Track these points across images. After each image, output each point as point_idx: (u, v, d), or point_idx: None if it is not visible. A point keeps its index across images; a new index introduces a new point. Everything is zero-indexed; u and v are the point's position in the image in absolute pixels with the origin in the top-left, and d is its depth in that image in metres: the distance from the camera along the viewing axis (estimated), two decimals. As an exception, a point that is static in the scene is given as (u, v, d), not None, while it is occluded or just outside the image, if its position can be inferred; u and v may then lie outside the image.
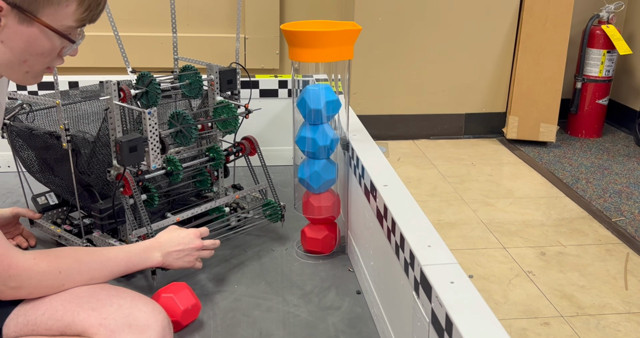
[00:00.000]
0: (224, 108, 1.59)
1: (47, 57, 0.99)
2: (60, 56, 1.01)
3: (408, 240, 1.08)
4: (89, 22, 0.99)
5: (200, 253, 1.35)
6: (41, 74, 1.03)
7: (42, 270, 1.02)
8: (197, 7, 2.78)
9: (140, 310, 1.05)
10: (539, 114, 2.70)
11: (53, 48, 0.98)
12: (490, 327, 0.84)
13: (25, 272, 1.00)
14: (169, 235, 1.30)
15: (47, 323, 1.03)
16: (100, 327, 1.01)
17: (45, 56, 0.98)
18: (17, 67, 0.98)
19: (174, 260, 1.29)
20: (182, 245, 1.30)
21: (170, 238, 1.30)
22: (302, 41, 1.42)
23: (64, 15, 0.94)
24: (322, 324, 1.37)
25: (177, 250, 1.29)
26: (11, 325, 1.04)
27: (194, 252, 1.33)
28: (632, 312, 1.52)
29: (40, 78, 1.04)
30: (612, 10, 2.75)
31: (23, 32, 0.93)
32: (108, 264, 1.14)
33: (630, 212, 2.07)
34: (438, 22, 2.69)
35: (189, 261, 1.32)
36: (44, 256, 1.04)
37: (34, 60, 0.98)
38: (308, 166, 1.56)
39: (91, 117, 1.73)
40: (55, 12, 0.93)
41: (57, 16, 0.94)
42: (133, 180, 1.40)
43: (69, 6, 0.94)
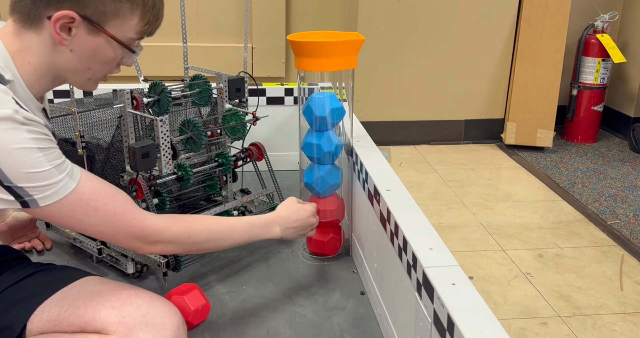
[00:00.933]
0: (232, 115, 1.60)
1: (109, 66, 1.05)
2: (118, 65, 1.08)
3: (410, 243, 1.08)
4: (147, 35, 1.07)
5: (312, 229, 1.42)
6: (99, 81, 1.09)
7: (173, 233, 1.09)
8: (206, 18, 2.79)
9: (158, 310, 1.06)
10: (536, 121, 2.70)
11: (115, 57, 1.04)
12: (490, 327, 0.84)
13: (158, 234, 1.07)
14: (289, 211, 1.35)
15: (69, 319, 1.04)
16: (119, 325, 1.02)
17: (107, 64, 1.04)
18: (81, 73, 1.04)
19: (291, 234, 1.34)
20: (300, 221, 1.35)
21: (290, 214, 1.34)
22: (308, 51, 1.42)
23: (127, 27, 1.01)
24: (327, 324, 1.37)
25: (295, 226, 1.34)
26: (35, 320, 1.05)
27: (308, 228, 1.38)
28: (627, 312, 1.52)
29: (97, 85, 1.10)
30: (606, 20, 2.75)
31: (90, 41, 0.99)
32: (233, 234, 1.21)
33: (625, 215, 2.06)
34: (438, 32, 2.69)
35: (303, 234, 1.39)
36: (176, 220, 1.11)
37: (97, 67, 1.04)
38: (313, 171, 1.56)
39: (105, 124, 1.73)
40: (120, 24, 1.00)
41: (121, 28, 1.00)
42: (145, 185, 1.40)
43: (132, 20, 1.00)
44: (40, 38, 0.98)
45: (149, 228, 1.05)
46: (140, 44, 1.08)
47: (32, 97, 1.02)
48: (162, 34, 2.95)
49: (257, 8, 2.75)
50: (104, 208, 1.00)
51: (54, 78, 1.04)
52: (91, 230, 1.00)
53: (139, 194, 1.40)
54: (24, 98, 0.99)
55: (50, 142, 0.96)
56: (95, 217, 0.99)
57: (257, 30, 2.80)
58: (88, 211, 0.97)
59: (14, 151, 0.90)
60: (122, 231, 1.03)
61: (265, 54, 2.84)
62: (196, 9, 2.77)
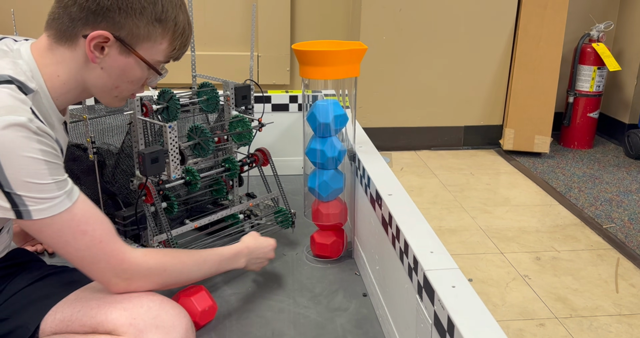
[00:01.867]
0: (238, 122, 1.60)
1: (135, 85, 1.07)
2: (143, 85, 1.10)
3: (412, 246, 1.08)
4: (174, 60, 1.09)
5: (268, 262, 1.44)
6: (126, 99, 1.11)
7: (150, 266, 1.07)
8: (214, 27, 2.80)
9: (167, 313, 1.06)
10: (533, 127, 2.70)
11: (142, 78, 1.06)
12: (489, 328, 0.84)
13: (136, 267, 1.04)
14: (256, 243, 1.37)
15: (81, 320, 1.04)
16: (130, 327, 1.02)
17: (134, 84, 1.06)
18: (109, 91, 1.05)
19: (252, 264, 1.37)
20: (263, 254, 1.39)
21: (257, 246, 1.37)
22: (312, 60, 1.42)
23: (156, 51, 1.03)
24: (330, 325, 1.36)
25: (258, 257, 1.37)
26: (49, 321, 1.05)
27: (266, 261, 1.41)
28: (622, 314, 1.51)
29: (124, 102, 1.12)
30: (602, 30, 2.75)
31: (121, 61, 1.01)
32: (203, 266, 1.20)
33: (620, 219, 2.06)
34: (438, 41, 2.69)
35: (258, 267, 1.41)
36: (153, 254, 1.09)
37: (125, 86, 1.05)
38: (317, 176, 1.56)
39: (115, 131, 1.74)
40: (150, 47, 1.01)
41: (151, 51, 1.02)
42: (154, 189, 1.40)
43: (162, 44, 1.02)
44: (72, 54, 1.00)
45: (129, 260, 1.03)
46: (165, 67, 1.10)
47: (55, 108, 1.03)
48: (171, 42, 2.94)
49: (262, 18, 2.76)
50: (92, 233, 0.98)
51: (81, 92, 1.05)
52: (74, 254, 0.98)
53: (148, 199, 1.40)
54: (46, 109, 1.00)
55: (57, 157, 0.96)
56: (82, 241, 0.97)
57: (263, 39, 2.80)
58: (76, 233, 0.96)
59: (22, 158, 0.89)
60: (103, 261, 1.00)
61: (271, 62, 2.85)
62: (204, 18, 2.78)
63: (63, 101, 1.04)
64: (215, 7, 2.78)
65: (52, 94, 1.01)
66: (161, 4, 0.99)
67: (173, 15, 1.01)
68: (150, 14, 0.98)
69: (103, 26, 0.96)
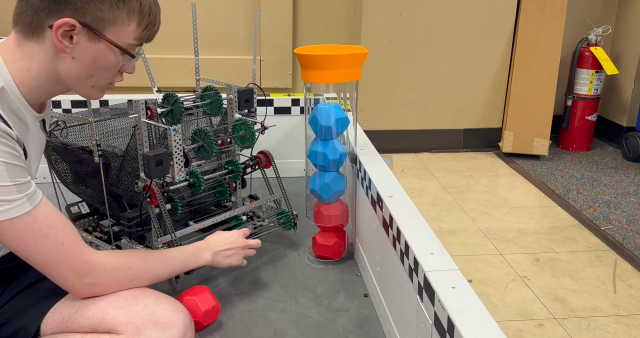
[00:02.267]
0: (242, 125, 1.60)
1: (111, 72, 1.04)
2: (121, 72, 1.07)
3: (412, 248, 1.08)
4: (146, 41, 1.06)
5: (245, 251, 1.38)
6: (104, 90, 1.07)
7: (114, 266, 1.04)
8: (217, 32, 2.81)
9: (164, 309, 1.05)
10: (532, 130, 2.70)
11: (116, 63, 1.03)
12: (488, 329, 0.84)
13: (100, 268, 1.02)
14: (216, 237, 1.34)
15: (79, 321, 1.04)
16: (128, 324, 1.02)
17: (109, 71, 1.03)
18: (84, 81, 1.02)
19: (223, 259, 1.32)
20: (229, 244, 1.33)
21: (217, 239, 1.33)
22: (314, 64, 1.43)
23: (125, 33, 1.00)
24: (332, 325, 1.37)
25: (225, 248, 1.32)
26: (48, 322, 1.05)
27: (240, 251, 1.35)
28: (620, 314, 1.51)
29: (103, 93, 1.08)
30: (599, 34, 2.75)
31: (92, 48, 0.99)
32: (168, 262, 1.17)
33: (618, 221, 2.06)
34: (438, 45, 2.69)
35: (237, 259, 1.35)
36: (115, 254, 1.06)
37: (100, 75, 1.03)
38: (319, 178, 1.56)
39: (120, 133, 1.74)
40: (118, 30, 0.99)
41: (120, 34, 0.99)
42: (159, 191, 1.41)
43: (130, 26, 1.00)
44: (41, 47, 0.97)
45: (92, 262, 1.00)
46: (142, 50, 1.07)
47: (26, 105, 1.00)
48: (175, 46, 2.99)
49: (265, 22, 2.76)
50: (54, 236, 0.96)
51: (54, 86, 1.02)
52: (36, 257, 0.95)
53: (152, 200, 1.41)
54: (15, 105, 0.98)
55: (18, 159, 0.93)
56: (44, 244, 0.95)
57: (266, 43, 2.81)
58: (38, 236, 0.93)
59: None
60: (66, 263, 0.98)
61: (273, 66, 2.85)
62: (207, 23, 2.79)
63: (36, 96, 1.02)
64: (218, 12, 2.79)
65: (22, 89, 0.99)
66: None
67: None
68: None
69: (67, 14, 0.94)
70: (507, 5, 2.66)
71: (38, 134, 1.08)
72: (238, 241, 1.36)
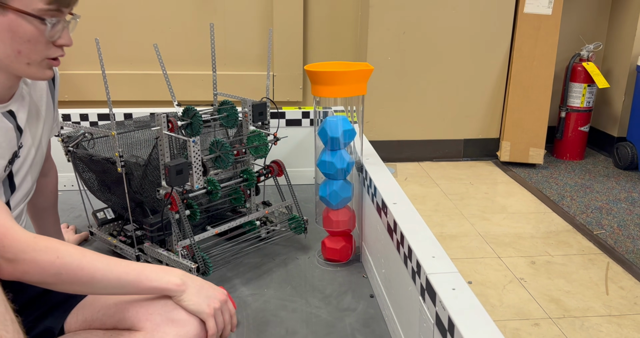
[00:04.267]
0: (256, 136, 1.61)
1: (38, 44, 0.93)
2: (55, 45, 0.96)
3: (415, 251, 1.08)
4: (62, 5, 0.93)
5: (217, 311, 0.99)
6: (46, 66, 0.97)
7: (38, 248, 0.86)
8: (233, 49, 2.82)
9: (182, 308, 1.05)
10: (528, 140, 2.69)
11: (37, 33, 0.92)
12: (487, 328, 0.84)
13: (20, 245, 0.85)
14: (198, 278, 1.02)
15: (101, 319, 1.03)
16: (147, 322, 0.99)
17: (35, 43, 0.93)
18: (15, 59, 0.94)
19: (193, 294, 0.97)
20: (207, 286, 1.01)
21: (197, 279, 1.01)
22: (323, 80, 1.43)
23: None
24: (340, 324, 1.36)
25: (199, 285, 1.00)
26: (72, 322, 1.05)
27: (217, 300, 1.00)
28: (612, 314, 1.50)
29: (49, 71, 0.98)
30: (591, 50, 2.74)
31: (2, 21, 0.89)
32: (115, 268, 0.92)
33: (610, 226, 2.04)
34: (439, 60, 2.70)
35: (208, 305, 0.98)
36: (49, 239, 0.89)
37: (27, 49, 0.93)
38: (327, 185, 1.57)
39: (143, 144, 1.75)
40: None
41: (25, 1, 0.89)
42: (179, 198, 1.41)
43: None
44: None
45: (12, 236, 0.85)
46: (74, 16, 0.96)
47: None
48: (195, 63, 3.01)
49: (277, 40, 2.78)
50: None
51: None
52: None
53: (173, 207, 1.42)
54: None
55: None
56: None
57: (278, 60, 2.82)
58: None
59: None
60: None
61: (285, 81, 2.86)
62: (224, 41, 2.81)
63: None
64: (234, 31, 2.81)
65: None
66: None
67: None
68: None
69: None
70: (504, 24, 2.66)
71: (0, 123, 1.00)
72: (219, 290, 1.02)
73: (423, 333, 1.04)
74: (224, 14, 2.77)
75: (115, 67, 2.75)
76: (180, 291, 0.97)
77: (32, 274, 0.87)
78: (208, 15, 2.76)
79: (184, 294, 0.97)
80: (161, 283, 0.95)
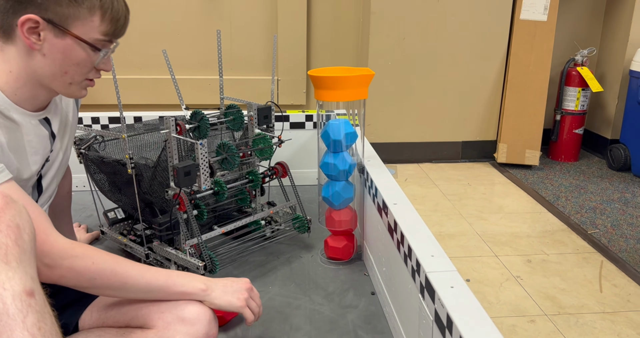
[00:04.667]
0: (261, 139, 1.61)
1: (84, 68, 0.99)
2: (97, 70, 1.02)
3: (415, 250, 1.08)
4: (114, 37, 1.00)
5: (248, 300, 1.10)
6: (84, 86, 1.02)
7: (75, 255, 0.91)
8: (239, 55, 2.83)
9: (191, 307, 1.05)
10: (524, 142, 2.69)
11: (87, 58, 0.98)
12: (484, 324, 0.84)
13: (59, 251, 0.90)
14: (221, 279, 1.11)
15: (114, 317, 1.04)
16: (159, 320, 1.02)
17: (82, 66, 0.98)
18: (60, 78, 0.99)
19: (221, 293, 1.06)
20: (229, 283, 1.10)
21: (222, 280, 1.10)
22: (326, 84, 1.44)
23: (90, 28, 0.96)
24: (342, 320, 1.36)
25: (223, 284, 1.08)
26: (86, 319, 1.05)
27: (243, 291, 1.09)
28: (606, 311, 1.50)
29: (84, 91, 1.03)
30: (585, 55, 2.74)
31: (59, 44, 0.95)
32: (146, 274, 0.99)
33: (603, 225, 2.04)
34: (438, 66, 2.70)
35: (238, 298, 1.07)
36: (85, 246, 0.95)
37: (73, 71, 0.98)
38: (330, 186, 1.57)
39: (152, 146, 1.76)
40: (82, 25, 0.95)
41: (85, 29, 0.95)
42: (187, 198, 1.42)
43: (93, 21, 0.96)
44: (16, 48, 0.95)
45: (51, 243, 0.90)
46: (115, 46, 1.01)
47: (11, 103, 0.98)
48: (202, 68, 3.01)
49: (282, 46, 2.78)
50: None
51: (37, 85, 0.99)
52: None
53: (181, 207, 1.42)
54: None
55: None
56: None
57: (282, 65, 2.82)
58: None
59: None
60: None
61: (289, 85, 2.87)
62: (230, 47, 2.81)
63: (22, 96, 0.99)
64: (240, 38, 2.81)
65: (7, 90, 0.97)
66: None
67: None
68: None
69: (30, 11, 0.91)
70: (501, 30, 2.66)
71: (35, 130, 1.04)
72: (242, 280, 1.12)
73: (422, 330, 1.04)
74: (230, 21, 2.77)
75: (126, 72, 2.76)
76: (206, 295, 1.04)
77: (69, 278, 0.92)
78: (215, 22, 2.76)
79: (210, 297, 1.05)
80: (187, 288, 1.03)
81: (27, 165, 1.04)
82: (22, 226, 0.80)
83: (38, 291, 0.78)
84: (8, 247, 0.77)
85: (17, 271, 0.76)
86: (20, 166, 1.02)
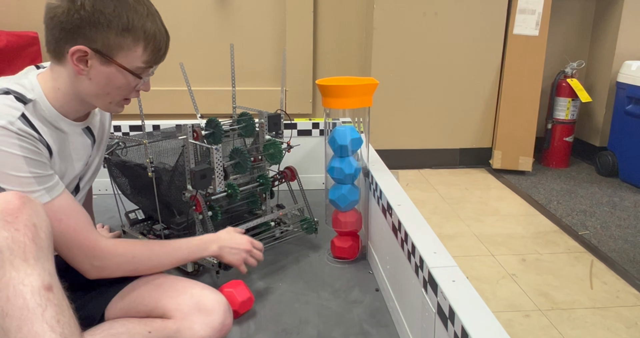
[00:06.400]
0: (271, 145, 1.62)
1: (124, 91, 1.03)
2: (136, 91, 1.05)
3: (418, 248, 1.08)
4: (155, 64, 1.04)
5: (248, 256, 1.30)
6: (122, 104, 1.06)
7: (119, 253, 1.02)
8: (250, 67, 2.85)
9: (207, 298, 1.07)
10: (518, 149, 2.69)
11: (127, 83, 1.01)
12: (484, 316, 0.84)
13: (106, 254, 1.00)
14: (228, 235, 1.29)
15: (137, 308, 1.06)
16: (177, 311, 1.03)
17: (122, 89, 1.02)
18: (102, 98, 1.02)
19: (227, 254, 1.25)
20: (236, 244, 1.27)
21: (229, 237, 1.28)
22: (333, 93, 1.44)
23: (133, 58, 0.99)
24: (348, 315, 1.37)
25: (231, 246, 1.26)
26: (110, 310, 1.06)
27: (243, 253, 1.28)
28: (596, 307, 1.49)
29: (122, 108, 1.07)
30: (575, 67, 2.74)
31: (104, 71, 0.98)
32: (173, 253, 1.13)
33: (593, 227, 2.04)
34: (437, 77, 2.71)
35: (238, 259, 1.27)
36: (122, 242, 1.05)
37: (115, 93, 1.02)
38: (337, 189, 1.57)
39: (169, 152, 1.77)
40: (127, 55, 0.98)
41: (128, 58, 0.98)
42: (202, 200, 1.42)
43: (137, 51, 0.98)
44: (65, 70, 0.99)
45: (100, 248, 0.99)
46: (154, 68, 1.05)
47: (59, 115, 1.02)
48: (216, 80, 3.03)
49: (290, 59, 2.80)
50: (66, 221, 0.95)
51: (81, 101, 1.03)
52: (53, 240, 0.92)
53: (197, 208, 1.43)
54: (47, 116, 1.00)
55: (38, 155, 0.94)
56: (57, 228, 0.94)
57: (290, 76, 2.84)
58: (53, 221, 0.91)
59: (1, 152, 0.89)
60: (76, 247, 0.97)
61: (296, 95, 2.88)
62: (242, 60, 2.83)
63: (69, 109, 1.03)
64: (251, 52, 2.83)
65: (55, 103, 1.00)
66: (126, 16, 0.95)
67: (140, 24, 0.96)
68: (117, 26, 0.94)
69: (80, 42, 0.94)
70: (495, 44, 2.67)
71: (80, 138, 1.08)
72: (245, 245, 1.29)
73: (425, 322, 1.04)
74: (241, 36, 2.79)
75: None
76: (219, 255, 1.24)
77: (115, 273, 1.04)
78: (228, 37, 2.78)
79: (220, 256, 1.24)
80: (204, 254, 1.21)
81: (72, 170, 1.08)
82: (38, 225, 0.82)
83: (56, 286, 0.80)
84: (26, 245, 0.79)
85: (35, 268, 0.78)
86: (67, 172, 1.06)
